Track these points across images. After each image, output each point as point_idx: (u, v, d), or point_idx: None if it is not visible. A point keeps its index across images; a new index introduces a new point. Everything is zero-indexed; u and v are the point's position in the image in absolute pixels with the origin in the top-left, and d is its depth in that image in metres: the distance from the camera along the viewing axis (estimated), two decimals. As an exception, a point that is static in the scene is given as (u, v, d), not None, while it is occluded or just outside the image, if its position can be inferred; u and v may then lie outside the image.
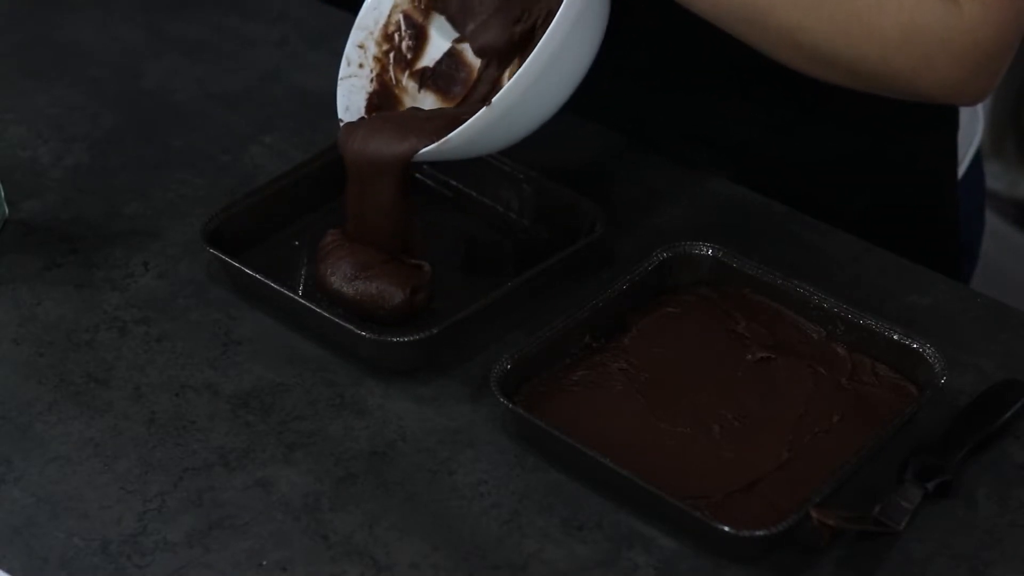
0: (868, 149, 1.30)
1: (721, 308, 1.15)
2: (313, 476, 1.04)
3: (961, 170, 1.39)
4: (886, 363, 1.10)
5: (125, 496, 1.03)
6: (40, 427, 1.07)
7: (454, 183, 1.26)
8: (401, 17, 1.21)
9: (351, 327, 1.10)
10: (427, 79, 1.21)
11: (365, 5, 1.20)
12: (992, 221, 1.51)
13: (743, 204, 1.20)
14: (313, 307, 1.11)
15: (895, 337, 1.09)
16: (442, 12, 1.21)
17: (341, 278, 1.13)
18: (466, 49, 1.21)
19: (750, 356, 1.11)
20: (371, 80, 1.21)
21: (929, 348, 1.07)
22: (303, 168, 1.24)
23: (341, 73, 1.20)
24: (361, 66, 1.20)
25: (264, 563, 0.98)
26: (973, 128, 1.40)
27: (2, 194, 1.24)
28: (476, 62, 1.20)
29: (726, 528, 0.96)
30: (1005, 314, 1.17)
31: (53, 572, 0.98)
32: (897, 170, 1.33)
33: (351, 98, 1.20)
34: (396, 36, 1.21)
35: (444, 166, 1.25)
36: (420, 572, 0.98)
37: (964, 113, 1.37)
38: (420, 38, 1.21)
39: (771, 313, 1.14)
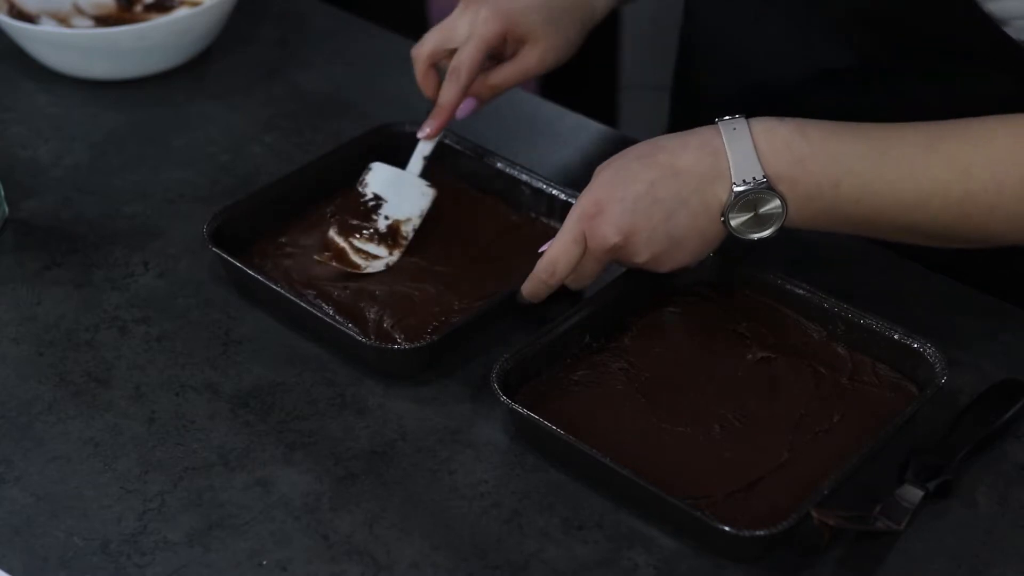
0: None
1: (721, 308, 1.15)
2: (313, 476, 1.04)
3: None
4: (886, 363, 1.10)
5: (125, 496, 1.03)
6: (40, 427, 1.07)
7: (456, 183, 1.26)
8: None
9: (351, 332, 1.10)
10: None
11: None
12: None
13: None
14: (313, 310, 1.11)
15: (895, 337, 1.09)
16: None
17: None
18: None
19: (750, 356, 1.11)
20: None
21: (929, 348, 1.07)
22: (303, 168, 1.24)
23: None
24: None
25: (264, 563, 0.98)
26: None
27: (2, 194, 1.24)
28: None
29: (726, 528, 0.96)
30: (1005, 314, 1.17)
31: (53, 572, 0.98)
32: None
33: None
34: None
35: (449, 168, 1.26)
36: (420, 572, 0.98)
37: None
38: None
39: (771, 313, 1.14)
